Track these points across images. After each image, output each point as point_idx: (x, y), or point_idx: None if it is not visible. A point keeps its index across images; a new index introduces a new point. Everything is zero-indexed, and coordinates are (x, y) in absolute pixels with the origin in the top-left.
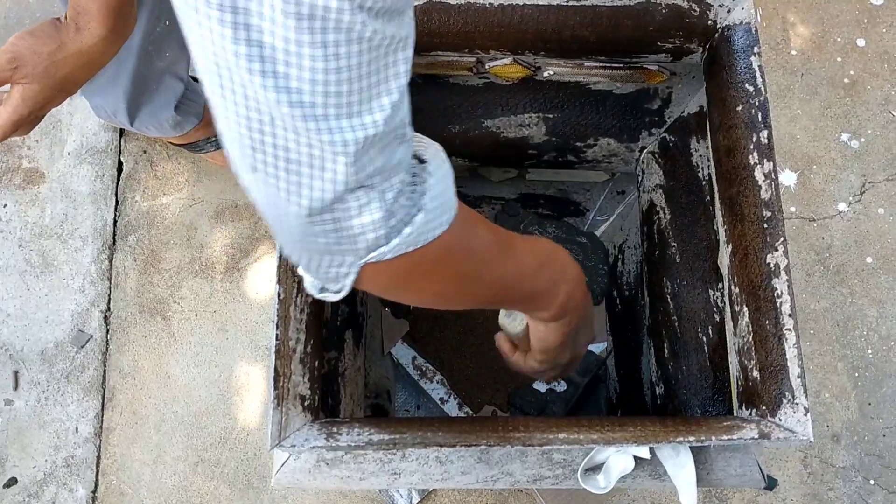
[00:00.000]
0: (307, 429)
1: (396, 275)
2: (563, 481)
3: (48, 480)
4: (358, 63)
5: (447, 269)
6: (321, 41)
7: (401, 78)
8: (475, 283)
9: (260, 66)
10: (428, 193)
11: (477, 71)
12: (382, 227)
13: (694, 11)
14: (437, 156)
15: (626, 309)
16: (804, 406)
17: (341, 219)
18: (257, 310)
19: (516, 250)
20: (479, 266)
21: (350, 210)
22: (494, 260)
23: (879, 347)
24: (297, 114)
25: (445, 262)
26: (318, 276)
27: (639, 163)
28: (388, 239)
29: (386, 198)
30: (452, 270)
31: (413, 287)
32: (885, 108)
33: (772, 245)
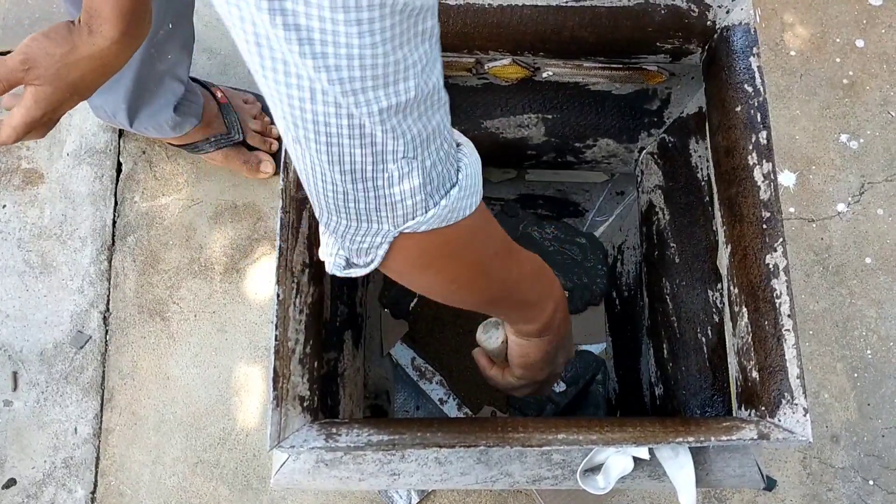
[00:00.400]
0: (306, 429)
1: (425, 251)
2: (562, 482)
3: (47, 481)
4: (392, 36)
5: (469, 254)
6: (356, 19)
7: (430, 42)
8: (487, 277)
9: (298, 48)
10: (463, 171)
11: (476, 71)
12: (420, 192)
13: (693, 12)
14: (468, 143)
15: (625, 309)
16: (803, 407)
17: (382, 185)
18: (256, 310)
19: (519, 256)
20: (494, 259)
21: (392, 177)
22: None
23: (879, 348)
24: (338, 90)
25: (469, 246)
26: (352, 247)
27: (638, 163)
28: (425, 208)
29: (425, 165)
30: (473, 257)
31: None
32: (885, 109)
33: (771, 246)
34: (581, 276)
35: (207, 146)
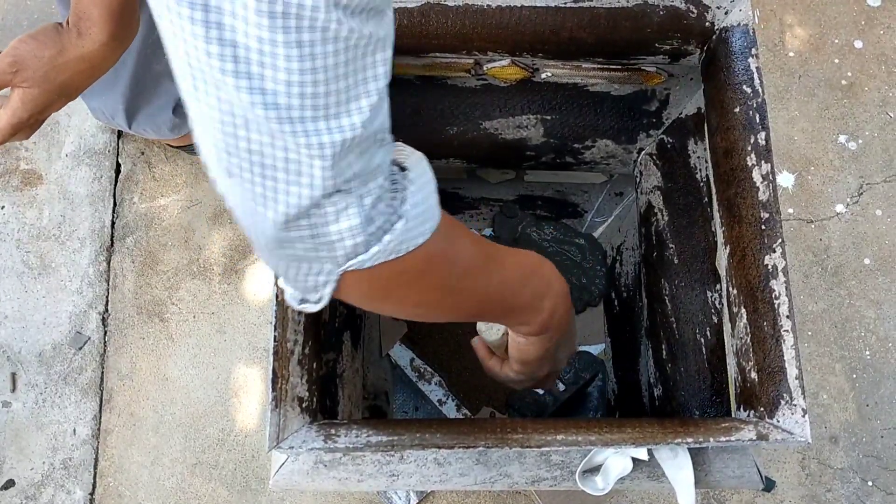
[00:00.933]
0: (305, 430)
1: (377, 284)
2: (561, 483)
3: (46, 482)
4: (335, 63)
5: (429, 280)
6: (296, 41)
7: (380, 80)
8: (457, 295)
9: (233, 67)
10: (409, 200)
11: (475, 72)
12: (361, 233)
13: (692, 13)
14: (418, 164)
15: (624, 310)
16: (802, 407)
17: (318, 224)
18: (255, 311)
19: (501, 263)
20: (462, 278)
21: (327, 216)
22: (478, 272)
23: (877, 349)
24: (272, 116)
25: (427, 273)
26: (297, 286)
27: (637, 164)
28: (367, 246)
29: (364, 203)
30: (434, 281)
31: (394, 297)
32: (883, 110)
33: (769, 246)
34: (580, 277)
35: None
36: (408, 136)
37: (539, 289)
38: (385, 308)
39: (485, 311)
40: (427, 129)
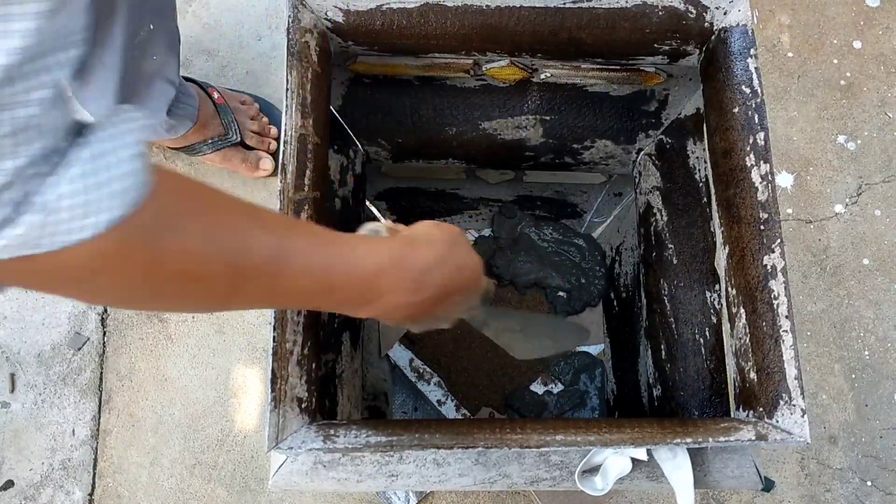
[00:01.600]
0: (304, 431)
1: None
2: (560, 483)
3: (45, 483)
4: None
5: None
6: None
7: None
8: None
9: None
10: (52, 190)
11: (474, 73)
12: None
13: (690, 14)
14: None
15: (623, 311)
16: (801, 407)
17: None
18: (254, 312)
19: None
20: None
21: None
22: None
23: (876, 349)
24: None
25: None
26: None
27: (636, 165)
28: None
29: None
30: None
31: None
32: (882, 110)
33: (768, 247)
34: (579, 278)
35: (205, 148)
36: (406, 136)
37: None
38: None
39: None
40: (426, 129)
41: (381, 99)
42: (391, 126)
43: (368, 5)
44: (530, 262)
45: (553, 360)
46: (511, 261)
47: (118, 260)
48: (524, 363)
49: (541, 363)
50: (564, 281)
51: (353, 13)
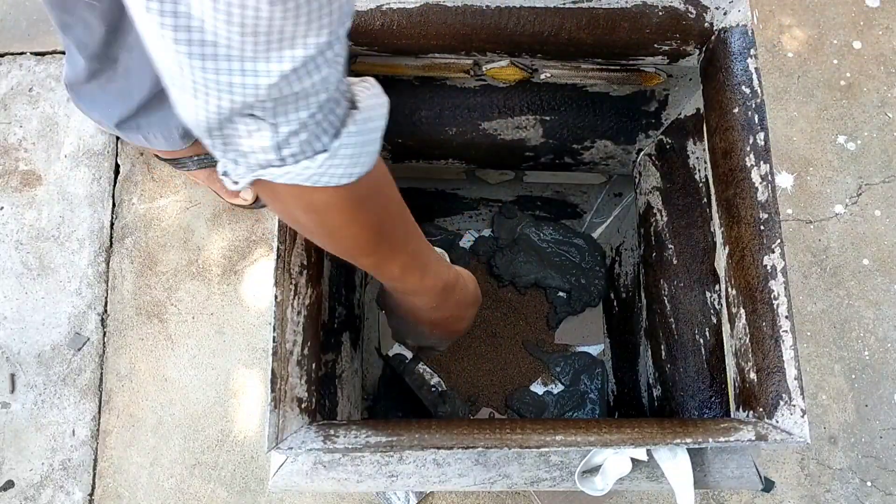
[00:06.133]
0: (304, 431)
1: (288, 202)
2: (560, 483)
3: (45, 483)
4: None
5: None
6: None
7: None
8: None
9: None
10: (342, 139)
11: (474, 73)
12: (273, 152)
13: (690, 14)
14: (373, 108)
15: (623, 311)
16: (801, 408)
17: (231, 136)
18: (254, 312)
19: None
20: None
21: (239, 131)
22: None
23: (876, 349)
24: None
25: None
26: (221, 160)
27: (636, 165)
28: (281, 163)
29: (279, 131)
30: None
31: (306, 219)
32: (882, 111)
33: (768, 247)
34: (579, 278)
35: (191, 164)
36: (406, 136)
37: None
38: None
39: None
40: (426, 129)
41: None
42: (391, 126)
43: (368, 5)
44: (530, 262)
45: (553, 360)
46: (511, 261)
47: (348, 202)
48: (524, 363)
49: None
50: (564, 281)
51: (353, 13)
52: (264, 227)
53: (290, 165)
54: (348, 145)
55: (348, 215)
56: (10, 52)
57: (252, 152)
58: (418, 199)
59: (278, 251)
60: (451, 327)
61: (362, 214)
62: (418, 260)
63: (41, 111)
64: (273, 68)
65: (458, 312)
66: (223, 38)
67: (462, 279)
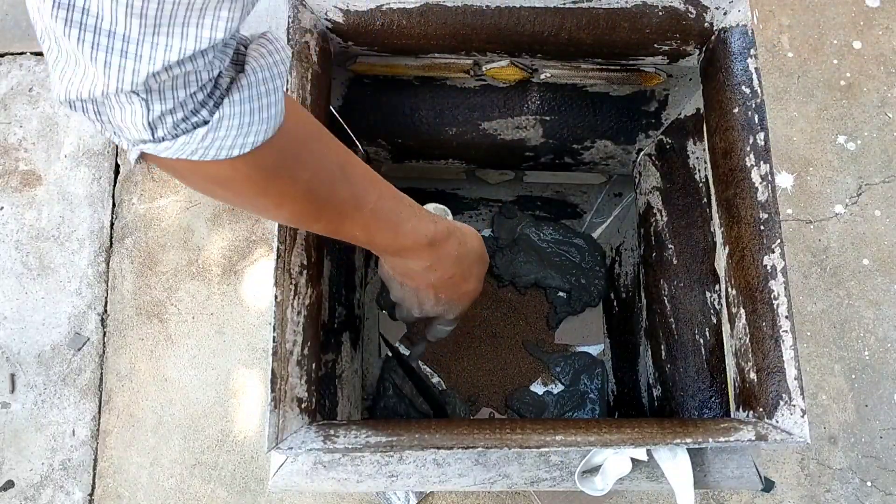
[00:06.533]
0: (304, 431)
1: (186, 175)
2: (560, 483)
3: (45, 483)
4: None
5: (248, 189)
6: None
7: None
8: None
9: None
10: (224, 109)
11: (474, 73)
12: (145, 131)
13: (690, 14)
14: (261, 69)
15: (623, 311)
16: (801, 408)
17: (104, 109)
18: (254, 312)
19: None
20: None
21: (112, 105)
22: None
23: (876, 349)
24: None
25: (245, 183)
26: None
27: (636, 165)
28: (156, 140)
29: (153, 110)
30: (268, 189)
31: (210, 192)
32: (882, 111)
33: (768, 247)
34: (579, 278)
35: None
36: (406, 136)
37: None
38: (218, 199)
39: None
40: (426, 129)
41: (381, 99)
42: (391, 126)
43: (368, 5)
44: (530, 262)
45: (553, 360)
46: (511, 261)
47: (256, 172)
48: (524, 363)
49: (541, 363)
50: (564, 281)
51: (353, 13)
52: (264, 227)
53: (169, 141)
54: (233, 115)
55: (261, 186)
56: (10, 52)
57: (126, 127)
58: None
59: (278, 251)
60: (459, 289)
61: (280, 182)
62: (384, 219)
63: (41, 111)
64: (158, 55)
65: (459, 269)
66: (108, 12)
67: (459, 233)
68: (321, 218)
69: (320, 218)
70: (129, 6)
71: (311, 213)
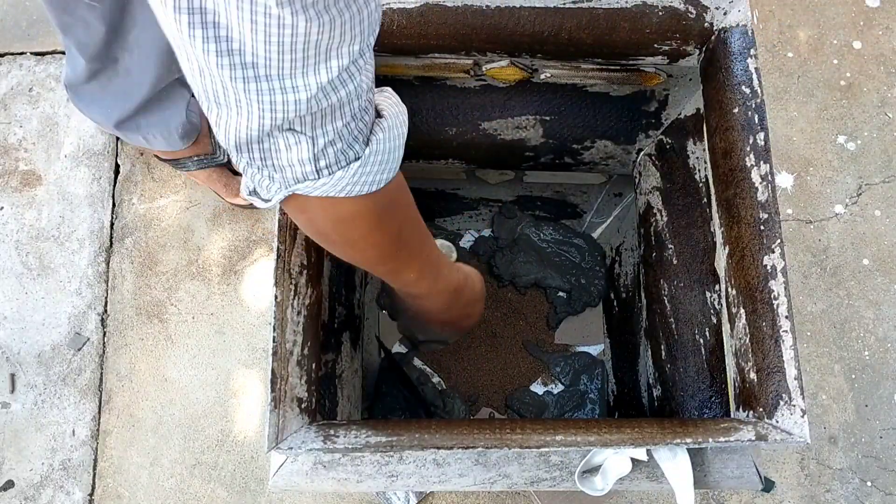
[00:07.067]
0: (304, 431)
1: (320, 215)
2: (560, 483)
3: (45, 483)
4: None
5: (369, 225)
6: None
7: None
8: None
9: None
10: (372, 146)
11: (474, 73)
12: (310, 164)
13: (690, 14)
14: (396, 116)
15: (623, 311)
16: (801, 408)
17: (269, 150)
18: (254, 312)
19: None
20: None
21: (278, 146)
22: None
23: (876, 349)
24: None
25: (370, 219)
26: (251, 179)
27: (636, 165)
28: (317, 175)
29: (317, 143)
30: (375, 228)
31: (336, 233)
32: (882, 111)
33: (768, 247)
34: (579, 278)
35: (191, 164)
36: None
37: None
38: (327, 243)
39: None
40: (426, 129)
41: None
42: None
43: None
44: (530, 262)
45: (553, 360)
46: (511, 261)
47: (374, 211)
48: (524, 363)
49: (541, 363)
50: (564, 281)
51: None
52: (264, 227)
53: (325, 178)
54: (378, 152)
55: (374, 223)
56: (10, 52)
57: (290, 166)
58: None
59: (278, 251)
60: (461, 325)
61: (385, 222)
62: (432, 264)
63: (41, 111)
64: (311, 82)
65: (466, 310)
66: (262, 58)
67: (470, 279)
68: (397, 258)
69: (396, 258)
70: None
71: (392, 253)
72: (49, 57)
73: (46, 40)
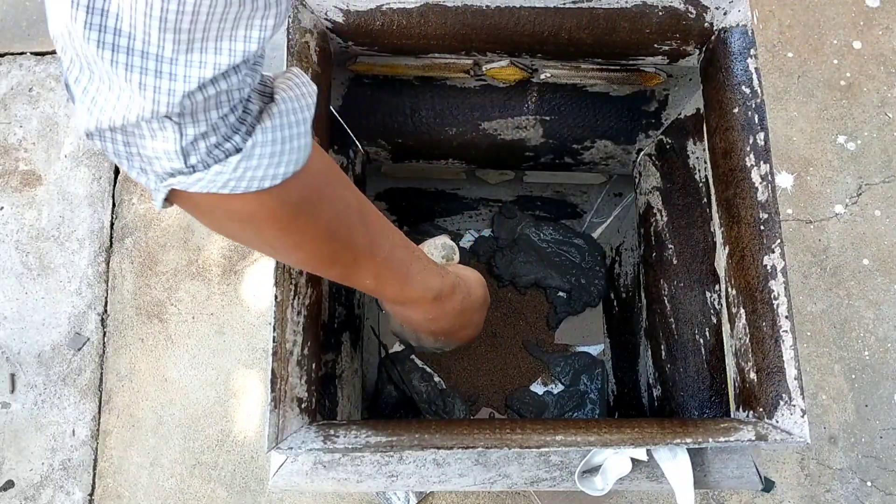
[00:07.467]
0: (304, 431)
1: (213, 212)
2: (560, 483)
3: (45, 483)
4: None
5: (272, 226)
6: None
7: (235, 51)
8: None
9: None
10: (256, 137)
11: (474, 73)
12: (177, 159)
13: (690, 14)
14: (294, 100)
15: (623, 311)
16: (801, 408)
17: (134, 134)
18: (254, 312)
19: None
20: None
21: (143, 131)
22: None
23: (876, 349)
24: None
25: (273, 219)
26: (130, 175)
27: (636, 165)
28: (191, 170)
29: (186, 133)
30: (292, 228)
31: (234, 231)
32: (882, 111)
33: (768, 247)
34: (579, 278)
35: None
36: (406, 136)
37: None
38: (250, 245)
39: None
40: (426, 129)
41: (381, 99)
42: (391, 126)
43: (368, 5)
44: (530, 262)
45: (553, 360)
46: (511, 261)
47: (281, 209)
48: (524, 363)
49: (541, 363)
50: (564, 281)
51: (353, 13)
52: None
53: (200, 172)
54: (265, 143)
55: (284, 223)
56: (10, 52)
57: (157, 157)
58: (418, 199)
59: None
60: (457, 335)
61: (302, 221)
62: (395, 269)
63: (41, 111)
64: (193, 73)
65: (460, 321)
66: (140, 29)
67: (464, 285)
68: (337, 262)
69: (336, 262)
70: (162, 20)
71: (328, 257)
72: (49, 57)
73: (46, 40)
